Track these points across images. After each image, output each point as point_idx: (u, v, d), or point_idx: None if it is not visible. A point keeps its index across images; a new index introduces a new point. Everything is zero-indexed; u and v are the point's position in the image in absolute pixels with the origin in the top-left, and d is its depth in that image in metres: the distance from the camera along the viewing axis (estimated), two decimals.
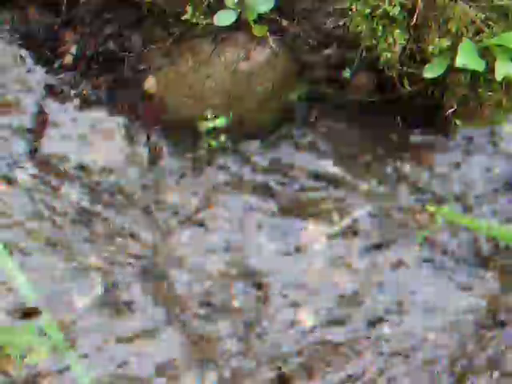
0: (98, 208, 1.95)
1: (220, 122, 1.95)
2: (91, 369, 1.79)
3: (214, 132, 1.97)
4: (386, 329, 1.88)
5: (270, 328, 1.87)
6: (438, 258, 1.95)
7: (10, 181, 1.93)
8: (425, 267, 1.95)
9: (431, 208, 1.87)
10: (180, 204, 1.98)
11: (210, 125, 1.94)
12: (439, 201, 2.00)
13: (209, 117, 1.95)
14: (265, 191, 1.98)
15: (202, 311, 1.88)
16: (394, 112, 2.04)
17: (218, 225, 1.96)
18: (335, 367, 1.85)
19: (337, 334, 1.88)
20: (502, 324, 1.92)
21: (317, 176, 2.01)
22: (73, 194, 1.95)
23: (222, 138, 1.98)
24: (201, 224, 1.96)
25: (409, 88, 1.94)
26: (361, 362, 1.86)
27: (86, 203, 1.94)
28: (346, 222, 1.96)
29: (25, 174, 1.94)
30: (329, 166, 2.02)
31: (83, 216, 1.94)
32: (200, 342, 1.85)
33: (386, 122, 2.05)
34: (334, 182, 2.00)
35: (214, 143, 1.97)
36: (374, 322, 1.89)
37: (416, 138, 2.06)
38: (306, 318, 1.88)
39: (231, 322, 1.87)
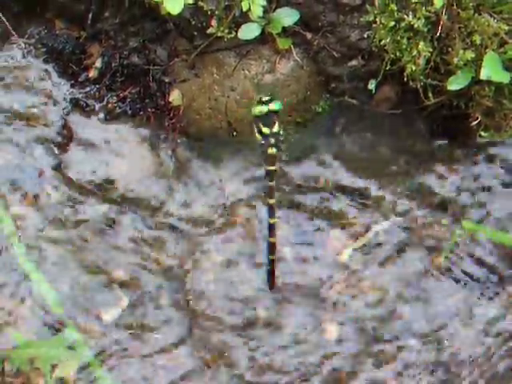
0: (124, 220, 1.96)
1: (276, 105, 1.82)
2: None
3: None
4: (411, 340, 1.88)
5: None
6: (462, 270, 1.95)
7: (36, 194, 1.95)
8: (450, 279, 1.95)
9: (468, 224, 1.83)
10: (206, 215, 1.98)
11: (265, 109, 1.81)
12: (463, 213, 2.00)
13: (264, 99, 1.82)
14: (290, 203, 1.99)
15: (227, 323, 1.88)
16: (418, 123, 2.04)
17: (244, 237, 1.96)
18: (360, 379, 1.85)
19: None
20: None
21: (341, 188, 2.01)
22: (98, 206, 1.96)
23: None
24: (227, 235, 1.96)
25: (433, 100, 1.94)
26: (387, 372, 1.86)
27: (111, 216, 1.96)
28: (371, 234, 1.97)
29: (50, 187, 1.96)
30: (353, 178, 2.02)
31: (109, 228, 1.95)
32: (225, 355, 1.86)
33: (410, 134, 2.05)
34: (358, 193, 2.00)
35: (266, 130, 1.82)
36: (400, 333, 1.89)
37: (441, 148, 2.06)
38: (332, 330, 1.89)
39: (256, 333, 1.88)
